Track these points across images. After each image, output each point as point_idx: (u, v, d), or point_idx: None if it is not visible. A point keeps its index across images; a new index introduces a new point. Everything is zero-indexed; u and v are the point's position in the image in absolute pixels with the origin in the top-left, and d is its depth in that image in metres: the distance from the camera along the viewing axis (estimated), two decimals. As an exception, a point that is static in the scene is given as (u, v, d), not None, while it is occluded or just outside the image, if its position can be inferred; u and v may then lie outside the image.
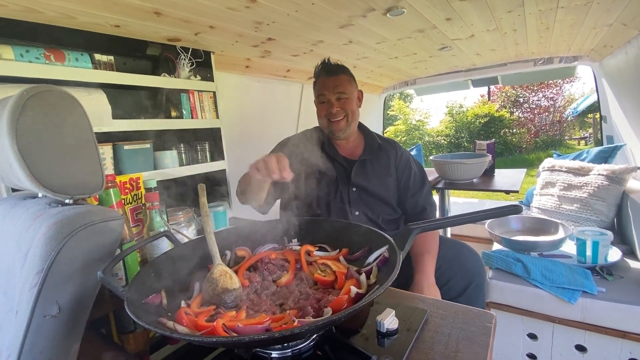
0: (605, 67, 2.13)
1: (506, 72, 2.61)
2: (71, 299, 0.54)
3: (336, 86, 1.24)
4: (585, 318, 1.28)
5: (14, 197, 0.73)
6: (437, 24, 1.47)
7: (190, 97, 1.47)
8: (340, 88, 1.24)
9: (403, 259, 0.59)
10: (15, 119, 0.52)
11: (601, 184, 1.75)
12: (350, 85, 1.27)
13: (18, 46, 0.96)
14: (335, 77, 1.25)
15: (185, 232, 1.05)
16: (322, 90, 1.27)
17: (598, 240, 1.42)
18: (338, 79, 1.25)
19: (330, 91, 1.24)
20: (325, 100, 1.26)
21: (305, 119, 2.56)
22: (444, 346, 0.59)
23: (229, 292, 0.65)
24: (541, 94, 10.03)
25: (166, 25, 1.21)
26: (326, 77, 1.26)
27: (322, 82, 1.28)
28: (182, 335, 0.48)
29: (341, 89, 1.24)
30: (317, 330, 0.56)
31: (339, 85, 1.25)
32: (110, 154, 1.20)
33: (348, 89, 1.26)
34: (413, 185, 1.30)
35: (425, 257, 1.13)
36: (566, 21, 1.54)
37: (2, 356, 0.52)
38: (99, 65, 1.17)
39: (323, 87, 1.26)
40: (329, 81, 1.25)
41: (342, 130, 1.27)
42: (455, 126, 9.84)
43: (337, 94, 1.24)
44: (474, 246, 2.15)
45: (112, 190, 0.88)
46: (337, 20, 1.32)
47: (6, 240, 0.61)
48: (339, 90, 1.24)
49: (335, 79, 1.25)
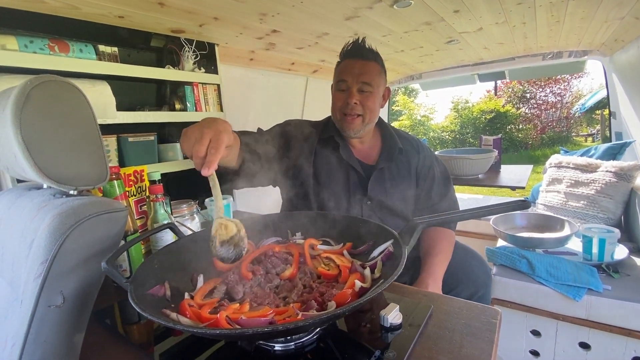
0: (615, 62, 2.08)
1: (514, 66, 2.56)
2: (75, 290, 0.54)
3: (362, 74, 1.03)
4: (590, 316, 1.27)
5: (18, 188, 0.73)
6: (445, 16, 1.44)
7: (194, 89, 1.46)
8: (366, 77, 1.03)
9: (410, 257, 0.58)
10: (20, 109, 0.52)
11: (609, 181, 1.73)
12: (379, 77, 1.06)
13: (22, 37, 0.96)
14: (364, 63, 1.04)
15: (188, 224, 1.05)
16: (344, 75, 1.05)
17: (605, 238, 1.40)
18: (367, 65, 1.04)
19: (354, 78, 1.03)
20: (345, 87, 1.05)
21: (310, 113, 2.55)
22: (448, 341, 0.58)
23: (227, 243, 0.61)
24: (548, 90, 9.90)
25: (170, 16, 1.20)
26: (352, 60, 1.05)
27: (345, 65, 1.06)
28: (185, 327, 0.48)
29: (367, 79, 1.03)
30: (321, 324, 0.56)
31: (366, 73, 1.03)
32: (114, 145, 1.20)
33: (375, 80, 1.04)
34: (435, 195, 1.16)
35: (436, 258, 1.03)
36: (577, 14, 1.51)
37: (7, 345, 0.53)
38: (103, 56, 1.17)
39: (345, 72, 1.05)
40: (354, 65, 1.04)
41: (355, 130, 1.07)
42: (460, 122, 9.76)
43: (361, 83, 1.03)
44: (478, 242, 2.15)
45: (116, 182, 0.88)
46: (343, 11, 1.30)
47: (11, 230, 0.61)
48: (364, 80, 1.03)
49: (363, 65, 1.04)
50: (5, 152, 0.57)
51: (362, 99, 1.05)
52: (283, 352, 0.57)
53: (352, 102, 1.03)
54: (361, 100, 1.04)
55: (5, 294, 0.60)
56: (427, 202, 1.17)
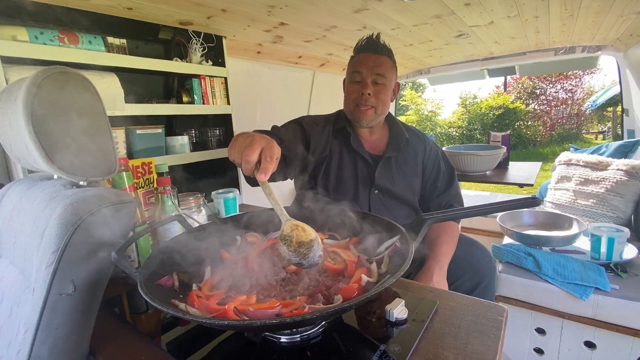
0: (630, 58, 2.03)
1: (525, 61, 2.51)
2: (86, 279, 0.55)
3: (377, 66, 1.08)
4: (596, 315, 1.26)
5: (30, 179, 0.74)
6: (456, 9, 1.42)
7: (201, 82, 1.46)
8: (380, 69, 1.09)
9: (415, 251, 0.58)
10: (31, 100, 0.52)
11: (620, 179, 1.70)
12: (391, 71, 1.12)
13: (33, 28, 0.97)
14: (378, 57, 1.10)
15: (195, 217, 1.06)
16: (359, 67, 1.10)
17: (614, 237, 1.38)
18: (380, 59, 1.10)
19: (369, 70, 1.09)
20: (360, 79, 1.10)
21: (316, 107, 2.54)
22: (453, 337, 0.58)
23: (306, 244, 0.60)
24: (559, 86, 9.71)
25: (178, 8, 1.19)
26: (367, 54, 1.11)
27: (361, 58, 1.12)
28: (194, 317, 0.48)
29: (381, 71, 1.09)
30: (328, 317, 0.56)
31: (380, 66, 1.09)
32: (122, 137, 1.21)
33: (388, 73, 1.10)
34: (440, 185, 1.20)
35: (442, 248, 1.06)
36: (592, 8, 1.47)
37: (20, 331, 0.54)
38: (112, 48, 1.17)
39: (360, 64, 1.10)
40: (369, 59, 1.10)
41: (368, 120, 1.13)
42: (468, 117, 9.64)
43: (375, 75, 1.09)
44: (484, 239, 2.14)
45: (125, 173, 0.89)
46: (352, 4, 1.28)
47: (23, 219, 0.62)
48: (378, 72, 1.09)
49: (377, 58, 1.10)
50: (17, 142, 0.57)
51: (375, 91, 1.10)
52: (289, 344, 0.57)
53: (366, 92, 1.09)
54: (374, 93, 1.10)
55: (17, 282, 0.62)
56: (433, 192, 1.21)
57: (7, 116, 0.58)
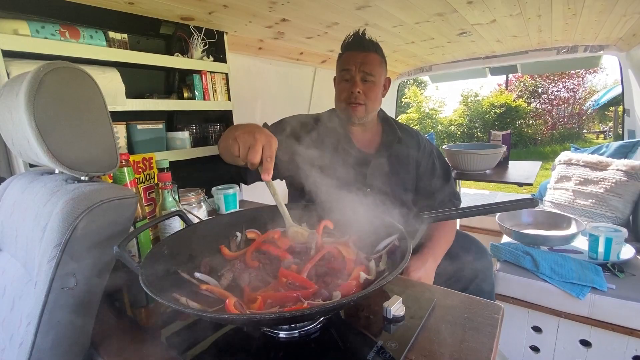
0: (632, 58, 2.03)
1: (527, 60, 2.50)
2: (87, 273, 0.56)
3: (364, 63, 1.08)
4: (592, 314, 1.27)
5: (31, 173, 0.75)
6: (458, 7, 1.41)
7: (202, 78, 1.46)
8: (367, 67, 1.08)
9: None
10: (33, 94, 0.53)
11: (619, 179, 1.70)
12: (380, 67, 1.11)
13: (34, 22, 0.96)
14: (366, 54, 1.09)
15: (196, 212, 1.06)
16: (347, 65, 1.09)
17: (612, 237, 1.39)
18: (368, 56, 1.09)
19: (356, 68, 1.08)
20: (348, 77, 1.10)
21: (317, 104, 2.53)
22: (450, 335, 0.59)
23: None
24: (561, 85, 9.69)
25: (180, 4, 1.19)
26: (354, 52, 1.10)
27: (348, 56, 1.11)
28: (195, 311, 0.49)
29: (368, 69, 1.08)
30: (326, 313, 0.57)
31: (368, 63, 1.08)
32: (123, 133, 1.21)
33: (376, 70, 1.09)
34: (435, 182, 1.18)
35: (438, 241, 1.07)
36: (595, 7, 1.46)
37: (22, 324, 0.55)
38: (113, 43, 1.17)
39: (348, 62, 1.09)
40: (357, 56, 1.08)
41: (359, 117, 1.12)
42: (469, 115, 9.61)
43: (363, 73, 1.08)
44: (482, 238, 2.14)
45: (126, 169, 0.89)
46: (354, 0, 1.28)
47: (25, 213, 0.63)
48: (366, 70, 1.08)
49: (364, 56, 1.08)
50: (19, 137, 0.58)
51: (365, 89, 1.09)
52: (287, 340, 0.58)
53: (355, 91, 1.08)
54: (364, 90, 1.09)
55: (19, 275, 0.62)
56: (428, 190, 1.19)
57: (8, 110, 0.58)
